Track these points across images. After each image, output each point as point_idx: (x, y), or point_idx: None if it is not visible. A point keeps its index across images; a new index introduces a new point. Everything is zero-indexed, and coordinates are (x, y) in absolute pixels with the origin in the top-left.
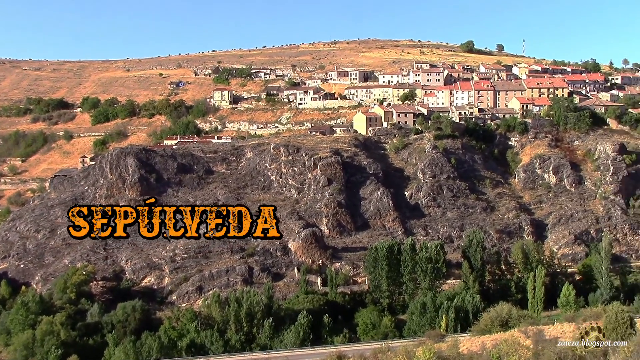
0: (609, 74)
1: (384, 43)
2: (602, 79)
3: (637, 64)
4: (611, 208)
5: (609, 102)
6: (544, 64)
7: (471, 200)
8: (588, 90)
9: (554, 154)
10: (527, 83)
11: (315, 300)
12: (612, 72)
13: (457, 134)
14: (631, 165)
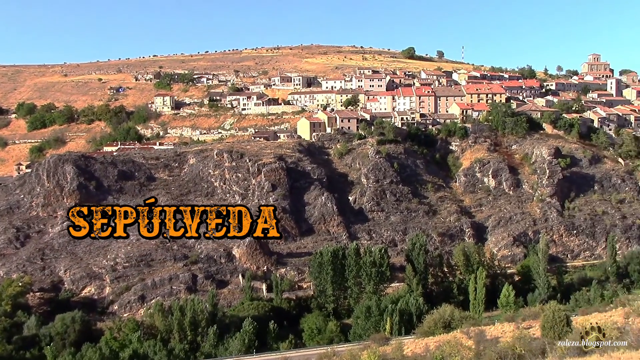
0: (544, 80)
1: (327, 49)
2: (537, 85)
3: (571, 70)
4: (547, 210)
5: (544, 108)
6: (482, 71)
7: (414, 204)
8: (524, 96)
9: (493, 158)
10: (467, 89)
11: (261, 307)
12: (547, 78)
13: (400, 139)
14: (566, 169)
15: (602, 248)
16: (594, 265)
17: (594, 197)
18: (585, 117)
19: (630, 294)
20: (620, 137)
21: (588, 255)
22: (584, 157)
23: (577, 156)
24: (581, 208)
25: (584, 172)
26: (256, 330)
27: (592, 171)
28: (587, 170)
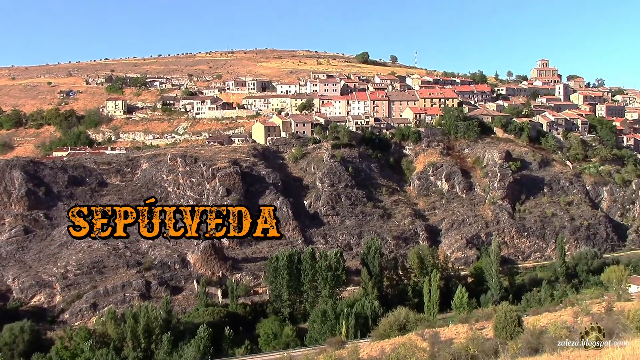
0: (495, 85)
1: (282, 53)
2: (488, 90)
3: (520, 76)
4: (499, 213)
5: (495, 112)
6: (435, 76)
7: (369, 208)
8: (476, 100)
9: (446, 161)
10: (420, 93)
11: (216, 313)
12: (497, 83)
13: (354, 143)
14: (516, 172)
15: (551, 249)
16: (544, 266)
17: (543, 200)
18: (535, 122)
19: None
20: (568, 141)
21: (538, 256)
22: (533, 160)
23: (527, 159)
24: (531, 210)
25: (534, 175)
26: (211, 336)
27: (541, 174)
28: (537, 173)
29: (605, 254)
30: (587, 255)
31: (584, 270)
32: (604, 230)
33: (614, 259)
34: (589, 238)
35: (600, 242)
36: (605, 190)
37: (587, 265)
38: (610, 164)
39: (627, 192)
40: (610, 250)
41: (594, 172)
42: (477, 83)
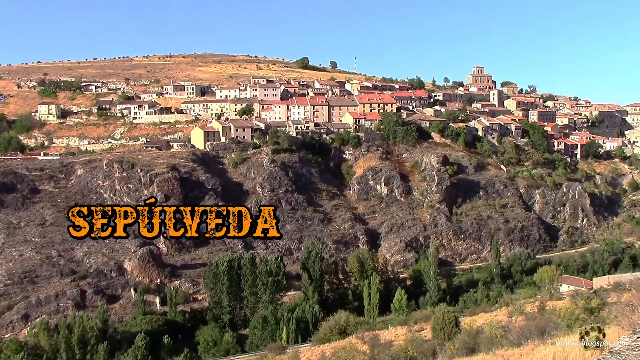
0: (432, 91)
1: (221, 58)
2: (426, 96)
3: (457, 82)
4: (437, 216)
5: (432, 117)
6: (374, 81)
7: (309, 212)
8: (414, 105)
9: (385, 166)
10: (359, 99)
11: (154, 321)
12: (434, 89)
13: (295, 148)
14: (453, 176)
15: (487, 251)
16: (480, 268)
17: (479, 203)
18: (471, 126)
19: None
20: (502, 145)
21: (475, 258)
22: (469, 164)
23: (464, 163)
24: (468, 213)
25: (470, 178)
26: (149, 345)
27: (477, 178)
28: (473, 177)
29: (538, 255)
30: (521, 256)
31: (518, 270)
32: (537, 232)
33: (546, 260)
34: (522, 239)
35: (533, 243)
36: (538, 193)
37: (521, 266)
38: (542, 168)
39: (558, 194)
40: (542, 251)
41: (527, 175)
42: (415, 89)
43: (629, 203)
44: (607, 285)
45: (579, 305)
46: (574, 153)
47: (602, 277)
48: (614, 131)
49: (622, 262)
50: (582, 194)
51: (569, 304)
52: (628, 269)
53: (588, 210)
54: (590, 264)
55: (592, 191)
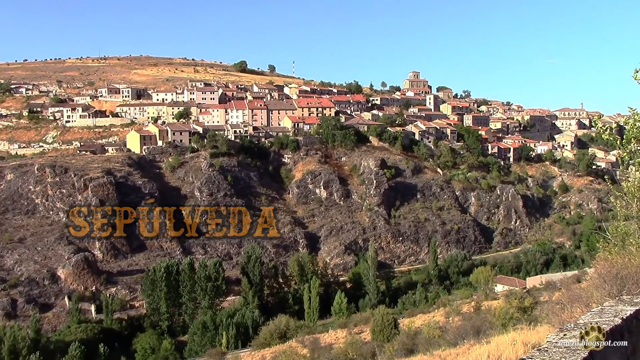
0: (369, 96)
1: (157, 60)
2: (364, 100)
3: (394, 86)
4: (375, 219)
5: (370, 121)
6: (312, 85)
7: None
8: (352, 110)
9: (324, 169)
10: (298, 102)
11: (89, 329)
12: (372, 93)
13: (233, 151)
14: (391, 179)
15: (425, 253)
16: (418, 270)
17: (417, 205)
18: (408, 130)
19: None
20: (438, 149)
21: (413, 260)
22: (407, 167)
23: (401, 167)
24: (406, 216)
25: (408, 181)
26: (84, 354)
27: (414, 181)
28: (410, 180)
29: (474, 256)
30: (458, 257)
31: (455, 272)
32: (473, 234)
33: (481, 261)
34: (459, 241)
35: (469, 244)
36: (473, 196)
37: (458, 267)
38: (477, 171)
39: (492, 197)
40: (478, 252)
41: (463, 178)
42: (353, 93)
43: (559, 204)
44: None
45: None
46: (507, 156)
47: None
48: (545, 135)
49: (554, 262)
50: (515, 196)
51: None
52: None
53: (521, 211)
54: (524, 264)
55: (524, 193)
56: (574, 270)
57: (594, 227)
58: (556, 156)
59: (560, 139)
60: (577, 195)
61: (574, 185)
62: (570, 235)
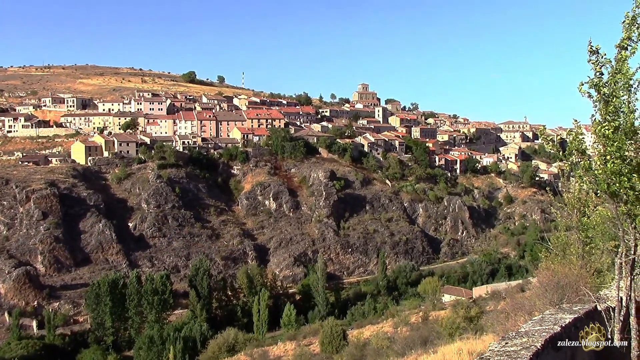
0: (319, 107)
1: (103, 70)
2: (313, 112)
3: (343, 98)
4: (325, 230)
5: (320, 133)
6: (262, 96)
7: (197, 228)
8: (302, 121)
9: (274, 181)
10: (247, 114)
11: (30, 346)
12: (321, 105)
13: (182, 163)
14: (340, 190)
15: (374, 264)
16: (367, 281)
17: (366, 217)
18: (357, 142)
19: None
20: (387, 161)
21: (362, 271)
22: (356, 179)
23: (350, 178)
24: (355, 227)
25: (357, 193)
26: None
27: (363, 192)
28: (360, 192)
29: (422, 267)
30: (406, 268)
31: (403, 282)
32: (420, 244)
33: (429, 271)
34: (407, 252)
35: (417, 255)
36: (421, 207)
37: (406, 278)
38: (425, 182)
39: (440, 208)
40: (426, 263)
41: (411, 189)
42: (302, 105)
43: (504, 215)
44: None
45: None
46: (454, 168)
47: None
48: (490, 147)
49: (499, 272)
50: (462, 208)
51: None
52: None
53: (467, 222)
54: (470, 274)
55: (470, 204)
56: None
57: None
58: (501, 168)
59: (505, 151)
60: (521, 207)
61: (518, 196)
62: (515, 246)
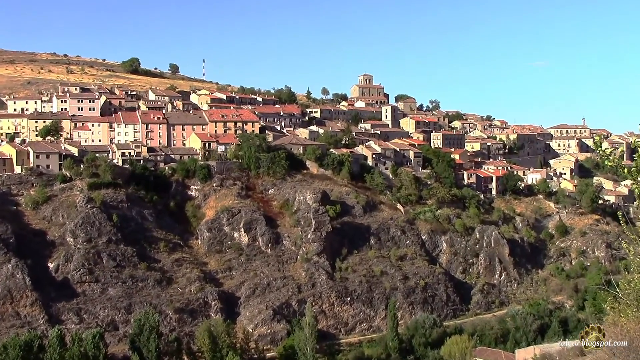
0: (306, 106)
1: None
2: (299, 112)
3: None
4: (315, 272)
5: (308, 141)
6: (229, 92)
7: (141, 270)
8: (283, 125)
9: (245, 206)
10: (210, 115)
11: None
12: (310, 103)
13: (121, 181)
14: (336, 218)
15: (381, 318)
16: (372, 341)
17: (370, 254)
18: (358, 153)
19: None
20: (398, 178)
21: (365, 327)
22: (356, 203)
23: (349, 202)
24: (355, 268)
25: (358, 222)
26: None
27: (367, 221)
28: (362, 220)
29: (447, 321)
30: (425, 323)
31: (421, 342)
32: (444, 291)
33: (456, 327)
34: (426, 301)
35: (439, 306)
36: (444, 240)
37: (425, 337)
38: (449, 207)
39: (470, 241)
40: (452, 316)
41: (430, 217)
42: (284, 103)
43: (556, 252)
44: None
45: None
46: (488, 188)
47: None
48: (536, 160)
49: (550, 327)
50: (500, 241)
51: None
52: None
53: (507, 261)
54: (512, 331)
55: (511, 237)
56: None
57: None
58: (552, 187)
59: (556, 165)
60: (580, 240)
61: (575, 225)
62: (572, 293)
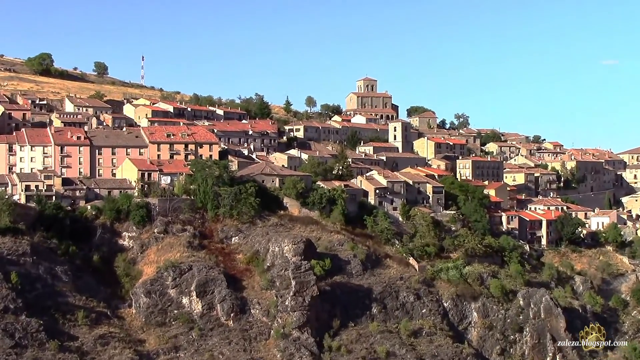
0: (285, 122)
1: None
2: (274, 130)
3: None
4: (295, 353)
5: (286, 170)
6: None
7: (50, 352)
8: (253, 148)
9: (199, 260)
10: (151, 134)
11: None
12: (289, 118)
13: (24, 226)
14: (324, 278)
15: None
16: None
17: (372, 327)
18: (355, 188)
19: None
20: (411, 222)
21: None
22: (353, 256)
23: (343, 255)
24: (351, 347)
25: (355, 283)
26: None
27: (367, 281)
28: (360, 280)
29: None
30: None
31: None
32: None
33: None
34: None
35: None
36: (475, 309)
37: None
38: (482, 263)
39: (511, 310)
40: None
41: (456, 277)
42: (253, 117)
43: (632, 325)
44: None
45: None
46: (536, 236)
47: None
48: (604, 197)
49: None
50: (552, 310)
51: None
52: None
53: (563, 337)
54: None
55: (568, 304)
56: None
57: None
58: (625, 236)
59: (631, 205)
60: None
61: None
62: None
